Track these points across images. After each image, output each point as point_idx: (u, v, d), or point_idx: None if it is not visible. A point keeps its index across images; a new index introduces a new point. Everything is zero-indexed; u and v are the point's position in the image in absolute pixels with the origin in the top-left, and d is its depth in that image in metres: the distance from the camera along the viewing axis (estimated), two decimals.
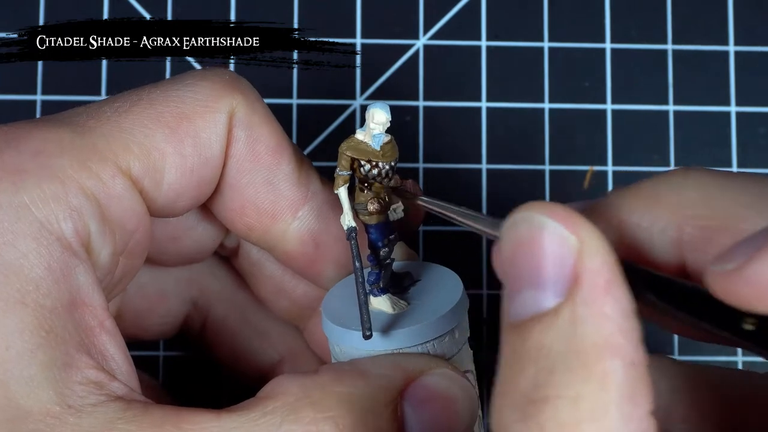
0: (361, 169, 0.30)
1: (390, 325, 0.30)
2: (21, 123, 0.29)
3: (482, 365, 0.33)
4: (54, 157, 0.27)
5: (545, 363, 0.21)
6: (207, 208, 0.33)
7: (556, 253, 0.22)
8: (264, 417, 0.26)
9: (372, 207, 0.30)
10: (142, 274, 0.36)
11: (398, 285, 0.32)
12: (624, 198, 0.27)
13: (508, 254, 0.23)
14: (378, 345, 0.29)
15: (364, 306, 0.29)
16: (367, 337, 0.29)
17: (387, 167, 0.30)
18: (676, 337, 0.43)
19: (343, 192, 0.30)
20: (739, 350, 0.43)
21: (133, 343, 0.37)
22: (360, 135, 0.30)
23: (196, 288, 0.38)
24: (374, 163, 0.30)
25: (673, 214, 0.26)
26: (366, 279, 0.31)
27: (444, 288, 0.31)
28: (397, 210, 0.32)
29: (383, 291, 0.31)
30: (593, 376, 0.21)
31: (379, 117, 0.29)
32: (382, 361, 0.29)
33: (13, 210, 0.26)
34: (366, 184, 0.31)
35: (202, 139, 0.30)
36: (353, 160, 0.30)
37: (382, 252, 0.31)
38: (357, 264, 0.30)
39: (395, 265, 0.32)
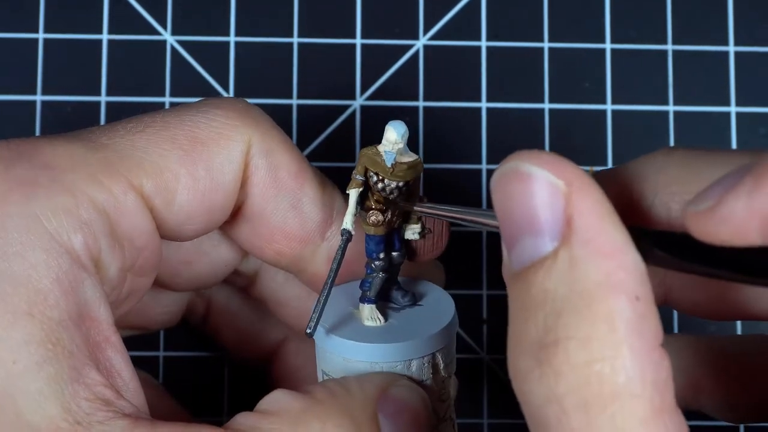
0: (370, 179, 0.30)
1: (360, 335, 0.30)
2: (31, 138, 0.29)
3: (485, 364, 0.33)
4: (66, 170, 0.28)
5: (552, 307, 0.22)
6: (222, 233, 0.34)
7: (546, 198, 0.22)
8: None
9: (371, 219, 0.30)
10: None
11: (395, 301, 0.32)
12: (610, 179, 0.27)
13: (501, 206, 0.23)
14: (331, 346, 0.30)
15: (320, 305, 0.30)
16: (308, 335, 0.30)
17: (393, 185, 0.30)
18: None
19: (353, 194, 0.30)
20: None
21: (136, 337, 0.38)
22: (381, 147, 0.30)
23: None
24: (380, 177, 0.30)
25: (659, 192, 0.26)
26: (361, 284, 0.31)
27: (431, 321, 0.31)
28: (413, 232, 0.32)
29: (370, 301, 0.31)
30: (600, 316, 0.21)
31: (389, 135, 0.29)
32: (357, 378, 0.29)
33: (23, 221, 0.26)
34: (375, 196, 0.31)
35: (215, 164, 0.30)
36: (366, 168, 0.30)
37: (375, 264, 0.31)
38: (334, 265, 0.30)
39: (403, 281, 0.32)
